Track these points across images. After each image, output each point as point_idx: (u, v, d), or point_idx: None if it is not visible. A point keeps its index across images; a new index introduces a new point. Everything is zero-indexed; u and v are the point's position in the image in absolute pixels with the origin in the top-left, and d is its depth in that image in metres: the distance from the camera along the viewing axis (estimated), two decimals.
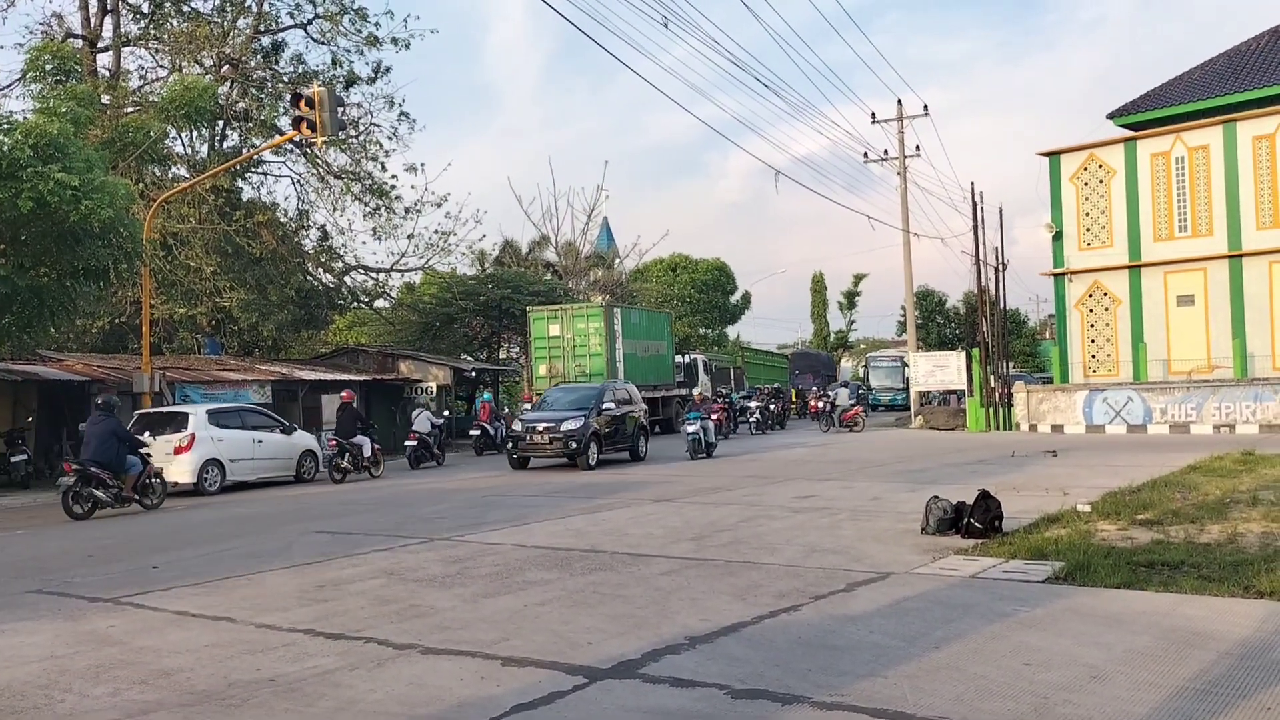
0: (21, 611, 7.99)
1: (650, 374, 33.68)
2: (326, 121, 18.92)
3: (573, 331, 31.85)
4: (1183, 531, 9.52)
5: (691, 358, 41.27)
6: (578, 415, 21.12)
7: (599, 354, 31.48)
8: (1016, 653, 5.80)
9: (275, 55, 32.65)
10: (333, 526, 12.81)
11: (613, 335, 31.94)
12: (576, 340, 31.78)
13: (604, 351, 31.47)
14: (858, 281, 74.24)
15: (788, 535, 10.57)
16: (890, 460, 20.34)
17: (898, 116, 37.60)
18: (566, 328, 31.91)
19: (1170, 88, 31.47)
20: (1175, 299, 28.76)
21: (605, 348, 31.51)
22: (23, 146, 17.30)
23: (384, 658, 6.14)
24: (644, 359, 33.66)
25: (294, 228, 33.66)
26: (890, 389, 52.31)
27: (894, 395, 51.46)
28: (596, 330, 31.68)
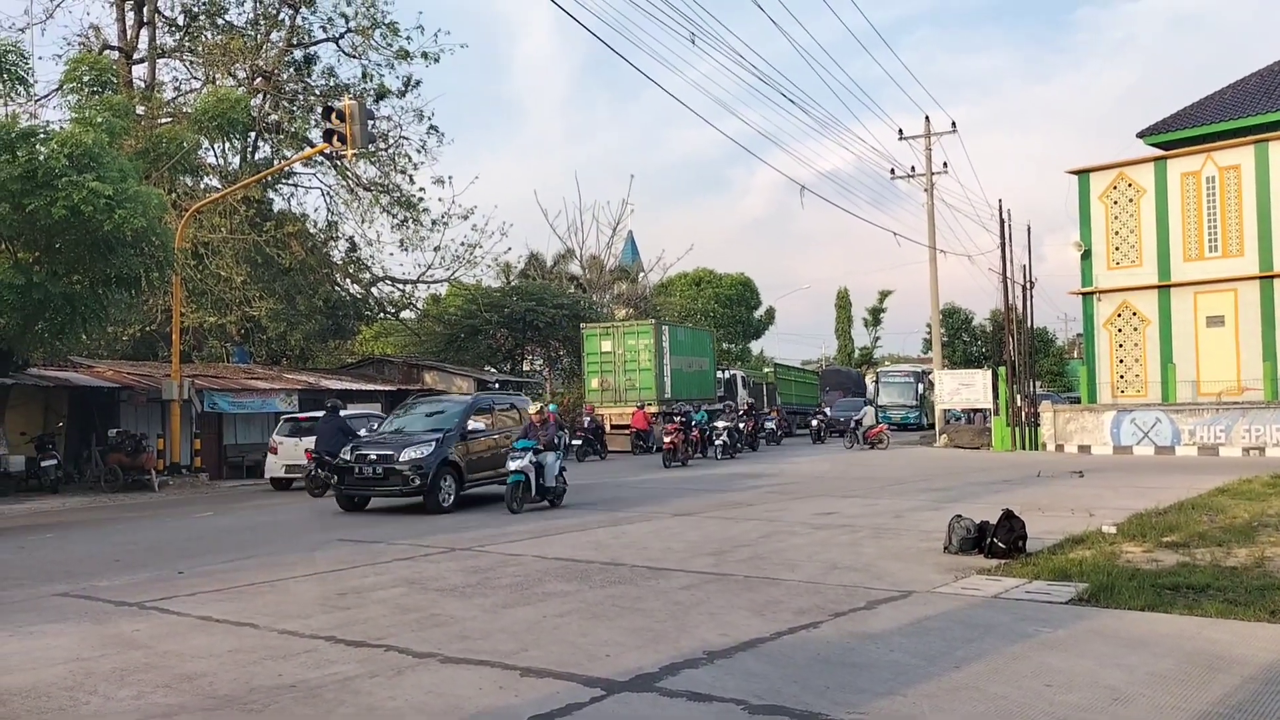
0: (49, 614, 8.09)
1: (694, 389, 35.21)
2: (357, 134, 19.12)
3: (624, 347, 33.34)
4: (1209, 554, 9.42)
5: (731, 373, 42.60)
6: (427, 441, 15.93)
7: (648, 369, 32.99)
8: (1038, 674, 5.76)
9: (307, 68, 33.03)
10: (356, 535, 12.88)
11: (661, 351, 33.54)
12: (627, 356, 33.31)
13: (652, 366, 33.03)
14: (883, 298, 74.12)
15: (808, 552, 10.54)
16: (913, 478, 20.23)
17: (925, 133, 37.52)
18: (618, 344, 33.39)
19: (1201, 107, 31.24)
20: (1205, 320, 28.47)
21: (654, 363, 33.07)
22: (59, 156, 17.57)
23: (404, 666, 6.17)
24: (689, 374, 35.17)
25: (323, 239, 33.97)
26: (902, 406, 49.62)
27: (906, 413, 48.90)
28: (646, 346, 33.18)
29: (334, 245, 34.90)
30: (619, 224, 47.64)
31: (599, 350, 33.98)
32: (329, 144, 19.82)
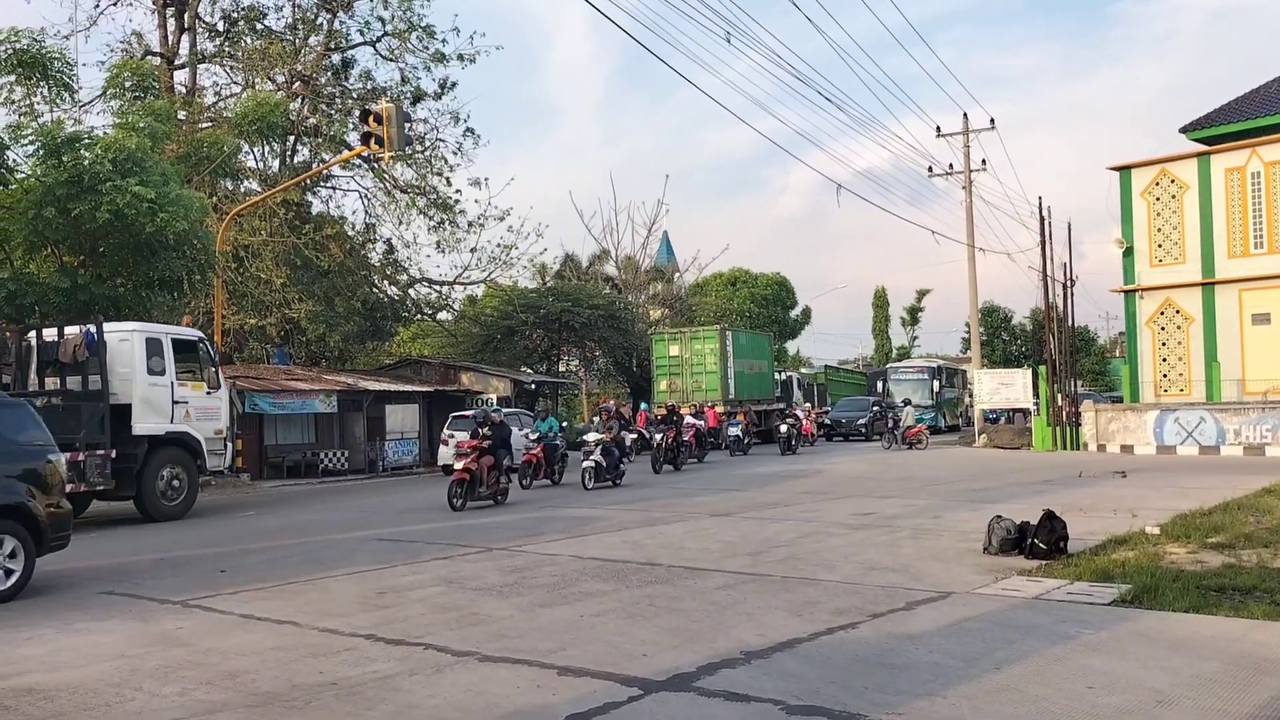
0: (95, 612, 8.23)
1: (755, 389, 37.50)
2: (394, 137, 19.28)
3: (690, 352, 35.30)
4: (1255, 556, 9.27)
5: (787, 375, 45.16)
6: None
7: (714, 372, 34.85)
8: (1080, 676, 5.69)
9: (345, 72, 33.35)
10: (394, 534, 12.99)
11: (725, 355, 35.36)
12: (694, 360, 35.24)
13: (718, 369, 34.88)
14: (921, 297, 73.60)
15: (846, 552, 10.49)
16: (952, 478, 20.06)
17: (963, 130, 37.21)
18: (685, 349, 35.36)
19: (1245, 101, 30.71)
20: (1250, 317, 27.98)
21: (719, 366, 34.91)
22: (103, 161, 17.88)
23: (442, 664, 6.22)
24: (750, 376, 37.21)
25: (361, 241, 34.28)
26: (915, 407, 42.09)
27: (920, 415, 40.56)
28: (711, 350, 35.10)
29: (372, 247, 35.22)
30: (654, 224, 47.67)
31: (667, 354, 35.98)
32: (366, 147, 20.01)
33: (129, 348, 16.22)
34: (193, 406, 16.99)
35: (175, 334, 17.37)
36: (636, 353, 41.75)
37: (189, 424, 16.85)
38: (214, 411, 17.53)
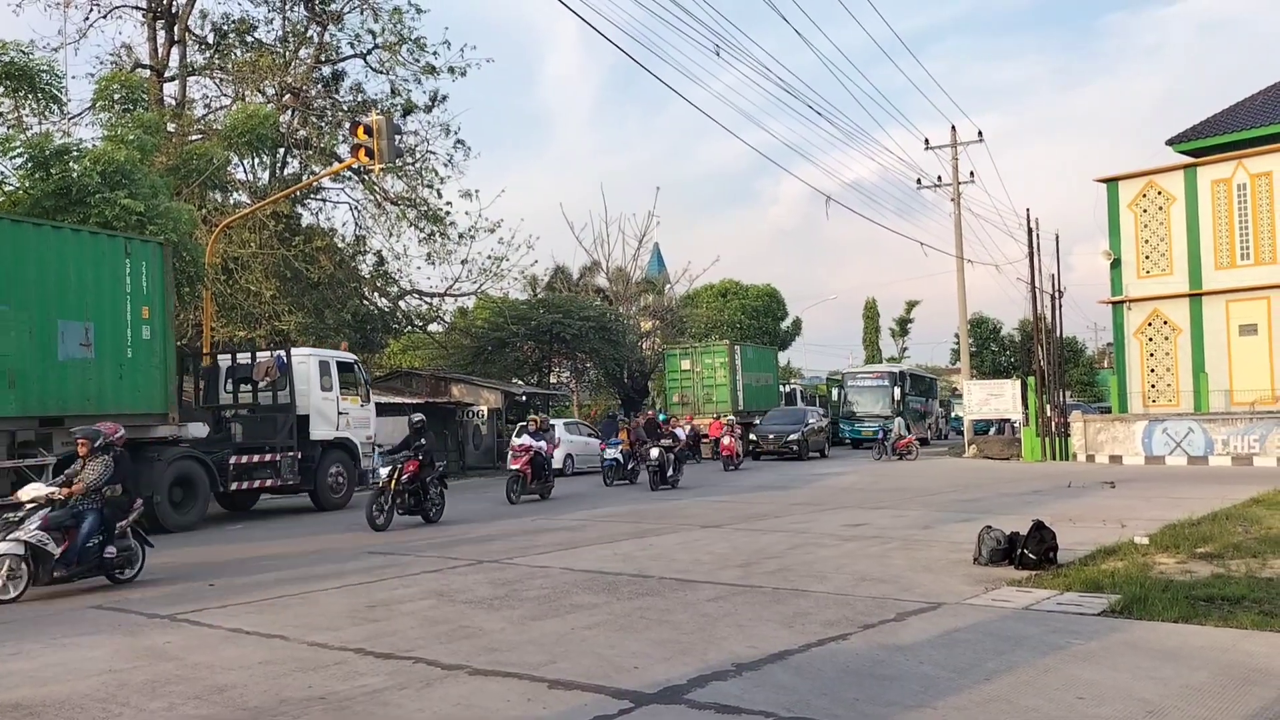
0: (82, 626, 8.18)
1: (762, 401, 39.24)
2: (384, 149, 19.24)
3: (701, 366, 37.45)
4: (1244, 566, 9.30)
5: (791, 387, 46.72)
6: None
7: (724, 384, 36.89)
8: (1070, 686, 5.70)
9: (335, 84, 33.33)
10: (384, 547, 12.94)
11: (734, 368, 37.30)
12: (704, 373, 37.41)
13: (728, 382, 36.88)
14: (910, 308, 73.78)
15: (837, 563, 10.49)
16: (943, 489, 20.09)
17: (951, 143, 37.39)
18: (696, 363, 37.55)
19: (1232, 114, 30.96)
20: (1238, 328, 28.15)
21: (729, 379, 36.94)
22: (91, 173, 17.82)
23: (432, 678, 6.20)
24: (757, 388, 39.10)
25: (351, 253, 34.19)
26: (875, 416, 39.96)
27: (879, 425, 37.87)
28: (721, 364, 37.20)
29: (362, 259, 35.13)
30: (645, 236, 47.65)
31: (679, 368, 38.20)
32: (357, 159, 19.96)
33: (306, 369, 19.24)
34: (351, 417, 20.08)
35: (338, 357, 20.73)
36: (628, 364, 41.75)
37: (349, 431, 19.94)
38: (366, 421, 20.60)
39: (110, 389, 14.89)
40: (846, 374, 45.48)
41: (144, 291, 15.61)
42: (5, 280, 13.55)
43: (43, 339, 13.97)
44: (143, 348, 15.48)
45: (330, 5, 31.80)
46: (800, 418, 34.09)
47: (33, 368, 13.82)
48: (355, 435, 20.04)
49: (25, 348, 13.70)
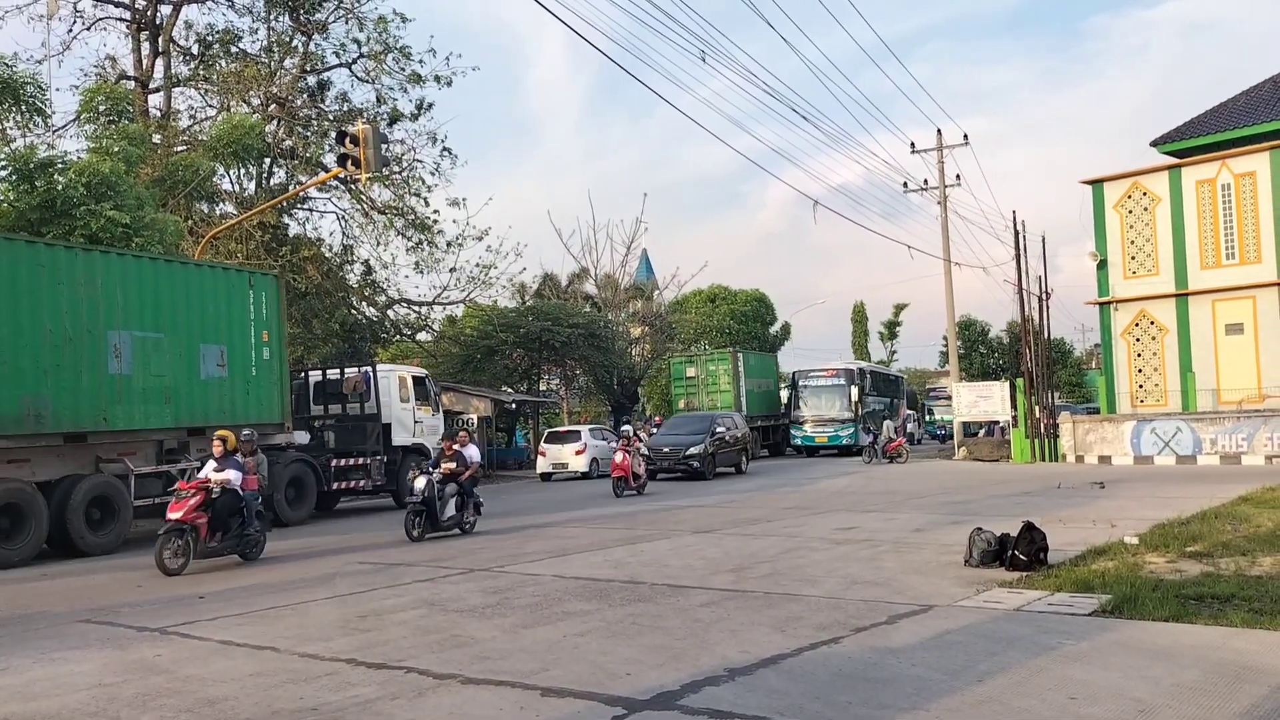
0: (71, 640, 8.13)
1: (764, 405, 40.19)
2: (371, 158, 19.20)
3: (705, 373, 38.51)
4: (1233, 564, 9.34)
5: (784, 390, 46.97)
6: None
7: (728, 390, 37.77)
8: (1062, 686, 5.71)
9: (321, 94, 33.25)
10: (375, 557, 12.90)
11: (738, 375, 38.10)
12: (709, 380, 38.47)
13: (732, 388, 37.73)
14: (898, 311, 73.96)
15: (829, 567, 10.50)
16: (933, 492, 20.13)
17: (937, 146, 37.51)
18: (701, 370, 38.71)
19: (1215, 114, 31.15)
20: (1224, 327, 28.30)
21: (733, 385, 37.78)
22: (76, 185, 17.76)
23: (425, 687, 6.18)
24: (759, 393, 39.97)
25: (338, 262, 34.09)
26: (830, 421, 37.80)
27: (835, 431, 37.12)
28: (725, 371, 38.21)
29: (349, 269, 35.02)
30: (633, 242, 47.67)
31: (684, 375, 39.34)
32: (343, 168, 19.93)
33: (388, 383, 21.79)
34: (425, 424, 22.64)
35: (413, 372, 23.50)
36: (617, 371, 41.74)
37: (423, 437, 22.32)
38: (436, 428, 22.99)
39: (240, 402, 17.17)
40: (798, 374, 41.10)
41: (264, 318, 17.88)
42: (162, 312, 15.91)
43: (189, 361, 16.34)
44: (264, 366, 17.78)
45: (315, 15, 31.75)
46: (705, 426, 28.34)
47: (182, 385, 16.16)
48: (428, 441, 22.26)
49: (177, 368, 16.07)
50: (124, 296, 15.28)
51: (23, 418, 13.72)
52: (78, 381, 14.52)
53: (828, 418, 38.05)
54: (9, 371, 13.62)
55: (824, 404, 38.44)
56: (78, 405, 14.49)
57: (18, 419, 13.64)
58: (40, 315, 14.12)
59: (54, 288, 14.30)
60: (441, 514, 14.47)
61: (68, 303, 14.46)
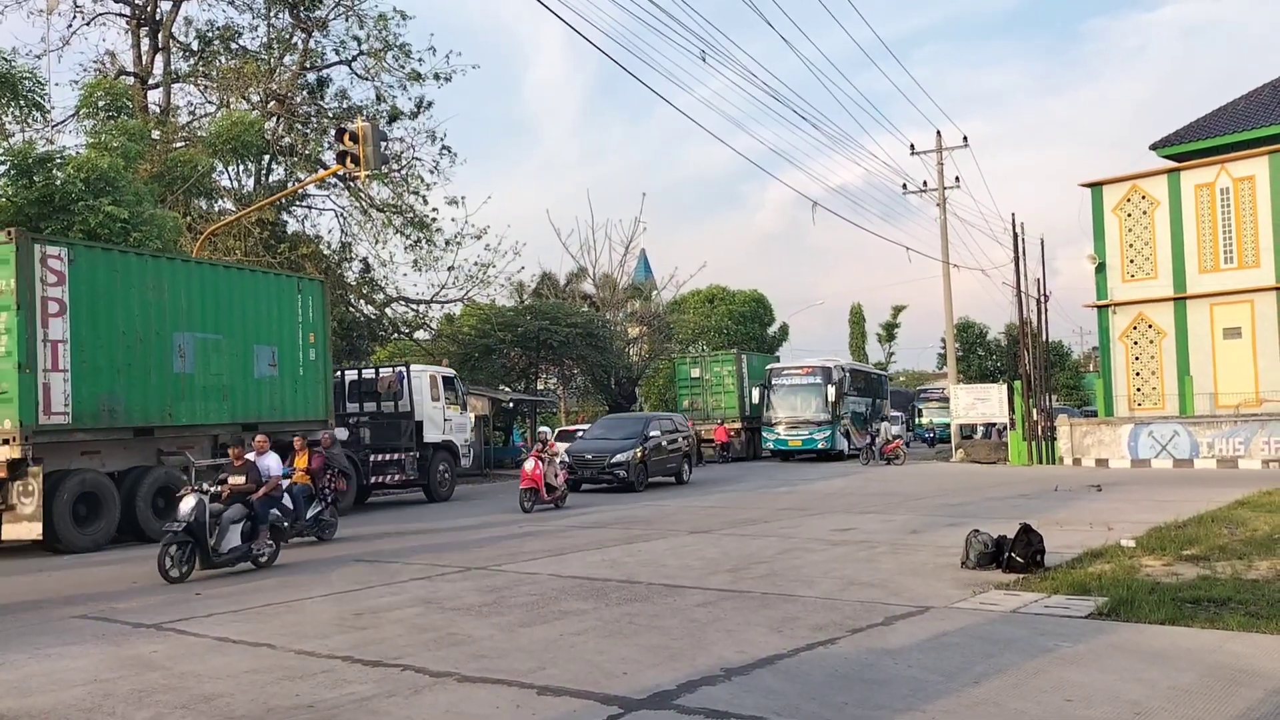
0: (67, 636, 8.12)
1: None
2: (370, 156, 19.19)
3: (710, 374, 39.18)
4: (1230, 567, 9.35)
5: None
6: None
7: (731, 391, 38.68)
8: (1058, 689, 5.72)
9: (320, 91, 33.22)
10: (370, 554, 12.89)
11: (741, 376, 38.88)
12: (713, 381, 39.26)
13: (735, 389, 38.57)
14: (896, 313, 73.98)
15: (825, 568, 10.50)
16: (930, 494, 20.14)
17: (937, 148, 37.52)
18: (705, 371, 39.32)
19: (1214, 118, 31.17)
20: (1222, 331, 28.32)
21: (736, 386, 38.58)
22: (75, 180, 17.74)
23: (421, 685, 6.17)
24: None
25: (337, 260, 34.07)
26: (805, 424, 35.24)
27: (810, 434, 34.57)
28: (730, 372, 39.02)
29: (348, 266, 35.01)
30: (631, 242, 47.66)
31: (689, 376, 39.81)
32: (342, 165, 19.91)
33: (420, 383, 22.91)
34: (454, 423, 23.80)
35: (443, 373, 24.68)
36: (615, 370, 41.73)
37: (452, 435, 23.60)
38: (465, 425, 24.57)
39: (289, 400, 18.21)
40: (771, 371, 38.15)
41: (310, 321, 18.88)
42: (220, 315, 16.89)
43: (244, 360, 17.32)
44: (310, 366, 18.82)
45: (315, 12, 31.72)
46: (637, 430, 24.44)
47: (238, 384, 17.18)
48: (456, 438, 23.78)
49: (233, 368, 17.08)
50: (187, 300, 16.28)
51: (99, 412, 14.71)
52: (147, 379, 15.52)
53: (802, 419, 35.49)
54: (89, 370, 14.54)
55: (799, 404, 35.69)
56: (146, 401, 15.50)
57: (95, 414, 14.64)
58: (115, 318, 15.08)
59: (127, 292, 15.27)
60: (219, 544, 11.24)
61: (138, 306, 15.43)
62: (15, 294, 13.69)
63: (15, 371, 13.65)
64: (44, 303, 14.02)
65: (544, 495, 18.49)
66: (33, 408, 13.76)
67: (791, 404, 35.96)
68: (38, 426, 13.83)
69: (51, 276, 14.18)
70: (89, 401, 14.56)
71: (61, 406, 14.17)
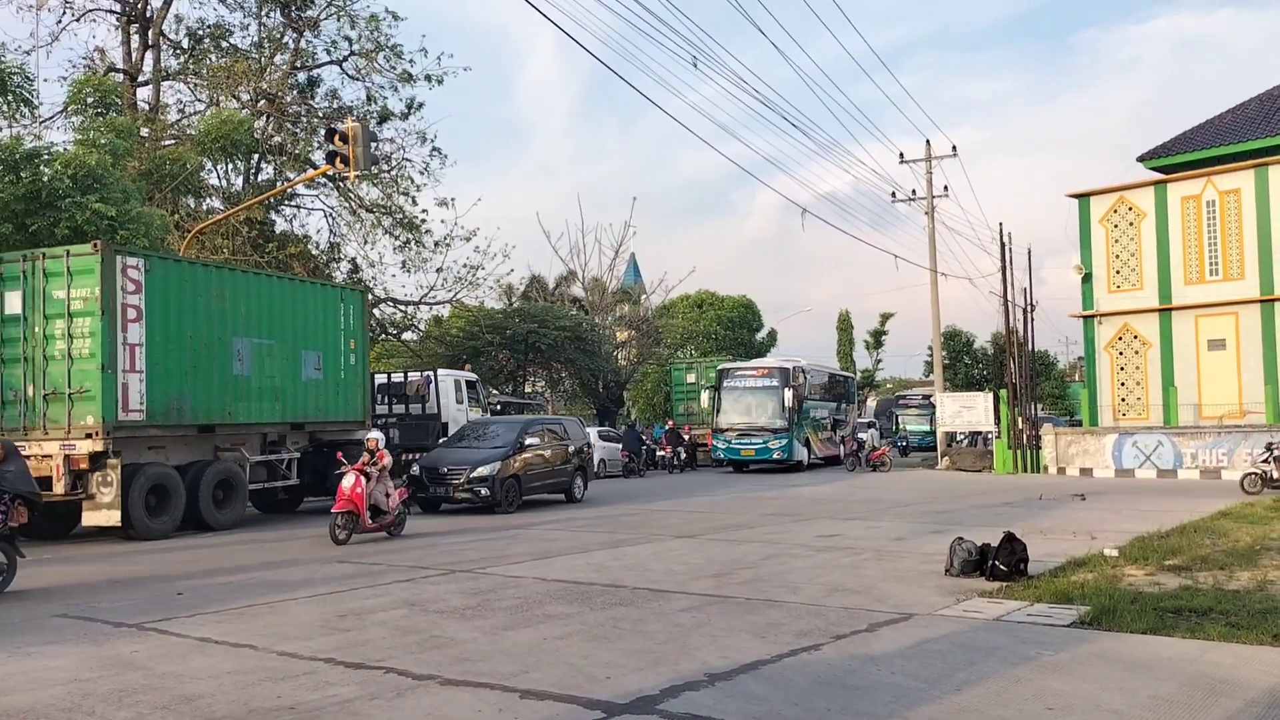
0: (47, 635, 8.07)
1: None
2: (360, 156, 19.15)
3: (706, 380, 37.87)
4: (1211, 578, 9.40)
5: None
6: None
7: None
8: (1039, 697, 5.74)
9: (311, 91, 33.15)
10: (356, 556, 12.85)
11: None
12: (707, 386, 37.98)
13: None
14: (884, 321, 74.00)
15: (810, 574, 10.51)
16: (915, 501, 20.19)
17: (926, 157, 37.65)
18: (701, 376, 38.77)
19: (1201, 131, 31.38)
20: (1206, 343, 28.50)
21: None
22: (62, 177, 17.66)
23: (403, 688, 6.15)
24: None
25: (325, 260, 33.98)
26: (759, 430, 31.70)
27: (765, 441, 31.23)
28: None
29: (336, 267, 34.92)
30: (621, 246, 47.73)
31: (685, 381, 39.46)
32: (332, 166, 19.87)
33: (445, 386, 24.67)
34: None
35: (466, 377, 26.46)
36: (603, 374, 41.72)
37: None
38: None
39: (331, 402, 19.30)
40: (722, 371, 34.58)
41: (351, 328, 19.94)
42: (274, 321, 17.97)
43: (293, 364, 18.41)
44: (350, 370, 19.86)
45: (307, 11, 31.66)
46: (509, 437, 19.70)
47: (288, 386, 18.26)
48: None
49: (284, 371, 18.16)
50: (245, 308, 17.37)
51: (169, 410, 15.92)
52: (210, 381, 16.68)
53: (757, 425, 31.96)
54: (161, 372, 15.72)
55: (752, 409, 32.20)
56: (209, 401, 16.68)
57: (165, 412, 15.84)
58: (184, 324, 16.23)
59: (194, 300, 16.41)
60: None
61: (203, 313, 16.57)
62: (100, 301, 14.84)
63: (99, 372, 14.82)
64: (123, 309, 15.16)
65: (366, 521, 14.13)
66: (113, 405, 14.92)
67: (744, 408, 32.47)
68: (117, 422, 14.99)
69: (130, 285, 15.28)
70: (160, 400, 15.72)
71: (137, 404, 15.36)
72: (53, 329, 15.08)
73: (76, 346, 14.94)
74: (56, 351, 15.06)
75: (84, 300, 14.93)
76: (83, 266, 14.95)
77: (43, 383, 15.08)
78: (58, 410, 15.00)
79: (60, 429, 14.93)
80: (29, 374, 15.16)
